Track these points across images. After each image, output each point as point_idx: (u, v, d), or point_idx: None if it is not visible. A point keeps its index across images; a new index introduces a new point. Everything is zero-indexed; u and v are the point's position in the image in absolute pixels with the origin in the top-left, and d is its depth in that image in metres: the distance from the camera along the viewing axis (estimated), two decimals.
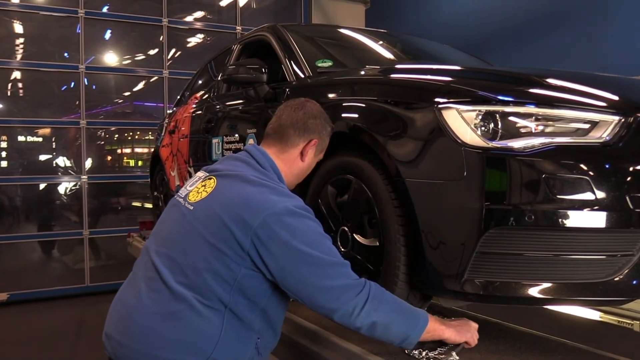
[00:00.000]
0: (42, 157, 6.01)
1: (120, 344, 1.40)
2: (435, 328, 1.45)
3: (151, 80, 6.37)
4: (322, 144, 1.66)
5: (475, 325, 1.58)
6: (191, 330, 1.33)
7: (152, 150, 4.96)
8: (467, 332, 1.53)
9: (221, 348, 1.35)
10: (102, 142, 6.35)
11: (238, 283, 1.35)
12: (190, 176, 3.38)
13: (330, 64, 2.39)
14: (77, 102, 5.95)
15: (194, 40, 6.68)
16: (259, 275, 1.38)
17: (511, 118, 1.47)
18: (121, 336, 1.40)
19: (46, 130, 6.03)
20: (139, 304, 1.39)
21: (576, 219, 1.40)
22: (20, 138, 5.98)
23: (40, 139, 6.06)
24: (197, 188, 1.49)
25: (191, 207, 1.43)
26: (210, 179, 1.48)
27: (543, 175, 1.40)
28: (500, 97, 1.50)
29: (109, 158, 6.49)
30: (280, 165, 1.57)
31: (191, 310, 1.34)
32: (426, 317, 1.44)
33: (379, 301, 1.36)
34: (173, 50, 6.44)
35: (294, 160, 1.60)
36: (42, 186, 5.95)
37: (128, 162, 6.66)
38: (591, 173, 1.39)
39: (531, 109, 1.47)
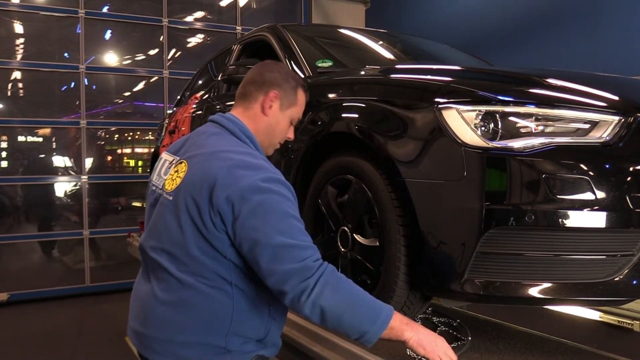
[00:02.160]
0: (42, 157, 6.00)
1: (144, 335, 1.43)
2: (394, 327, 1.31)
3: (151, 80, 6.37)
4: (287, 97, 1.57)
5: (443, 346, 1.36)
6: (205, 313, 1.37)
7: (152, 150, 4.96)
8: (430, 346, 1.33)
9: (237, 324, 1.38)
10: (102, 142, 6.35)
11: (230, 261, 1.36)
12: None
13: (330, 64, 2.39)
14: (77, 102, 5.95)
15: (194, 40, 6.68)
16: None
17: (511, 118, 1.47)
18: (143, 327, 1.44)
19: (46, 130, 6.03)
20: (153, 296, 1.42)
21: (576, 219, 1.40)
22: (21, 138, 5.98)
23: (40, 139, 6.06)
24: (171, 175, 1.46)
25: (170, 197, 1.42)
26: (181, 163, 1.45)
27: (543, 175, 1.40)
28: (500, 97, 1.50)
29: (109, 158, 6.49)
30: (248, 124, 1.53)
31: (200, 295, 1.36)
32: (390, 313, 1.32)
33: (332, 289, 1.27)
34: (173, 50, 6.44)
35: (257, 116, 1.54)
36: (42, 186, 5.95)
37: (128, 162, 6.66)
38: (591, 173, 1.39)
39: (531, 109, 1.47)
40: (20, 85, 5.94)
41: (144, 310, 1.45)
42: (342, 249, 1.89)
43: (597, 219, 1.40)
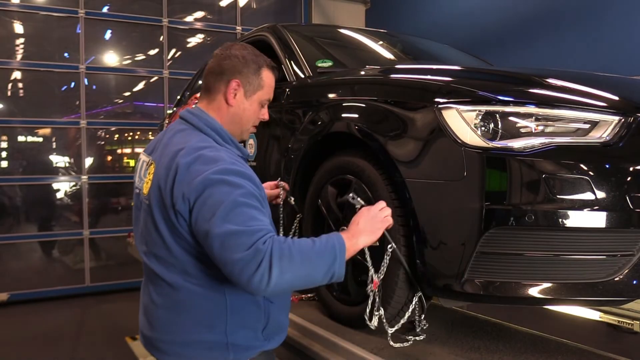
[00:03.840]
0: (42, 157, 6.00)
1: (149, 338, 1.47)
2: (350, 246, 1.38)
3: (151, 80, 6.37)
4: (250, 82, 1.50)
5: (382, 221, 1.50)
6: (201, 312, 1.39)
7: None
8: (376, 235, 1.48)
9: (233, 316, 1.40)
10: (103, 142, 6.34)
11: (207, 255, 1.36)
12: None
13: (330, 64, 2.39)
14: (77, 102, 5.95)
15: (194, 41, 6.67)
16: None
17: (511, 118, 1.47)
18: (148, 330, 1.48)
19: (46, 130, 6.03)
20: (152, 301, 1.46)
21: (576, 219, 1.40)
22: (21, 138, 5.98)
23: (40, 139, 6.05)
24: (147, 179, 1.46)
25: (147, 202, 1.43)
26: (151, 164, 1.46)
27: (543, 175, 1.40)
28: (500, 97, 1.50)
29: (109, 158, 6.49)
30: (215, 116, 1.49)
31: (192, 295, 1.39)
32: (341, 244, 1.35)
33: (288, 260, 1.25)
34: (173, 51, 6.43)
35: (222, 108, 1.50)
36: (42, 186, 5.95)
37: (128, 162, 6.66)
38: (591, 173, 1.39)
39: (531, 109, 1.48)
40: (20, 85, 5.94)
41: (146, 315, 1.49)
42: None
43: (597, 219, 1.40)
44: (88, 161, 6.06)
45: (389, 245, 1.62)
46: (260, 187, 1.40)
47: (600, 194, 1.38)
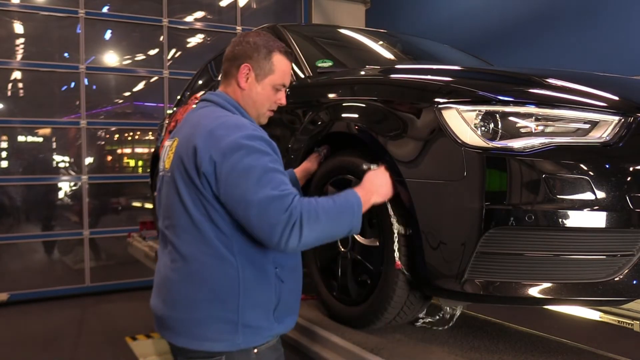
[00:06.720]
0: (42, 157, 6.01)
1: (165, 317, 1.48)
2: (365, 202, 1.49)
3: (151, 80, 6.38)
4: (261, 67, 1.57)
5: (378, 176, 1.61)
6: (214, 285, 1.41)
7: (152, 150, 4.96)
8: (386, 190, 1.60)
9: (246, 292, 1.42)
10: (103, 142, 6.35)
11: (230, 223, 1.40)
12: None
13: (330, 64, 2.39)
14: (78, 102, 5.95)
15: (194, 41, 6.68)
16: None
17: (511, 118, 1.47)
18: (162, 310, 1.49)
19: (46, 130, 6.03)
20: (168, 278, 1.48)
21: (576, 219, 1.40)
22: (21, 138, 5.98)
23: (40, 139, 6.06)
24: (168, 155, 1.54)
25: (169, 174, 1.49)
26: (174, 140, 1.53)
27: (543, 175, 1.40)
28: (500, 97, 1.50)
29: (109, 158, 6.49)
30: (232, 98, 1.58)
31: (206, 267, 1.41)
32: (359, 201, 1.46)
33: (315, 219, 1.35)
34: (173, 51, 6.44)
35: (236, 91, 1.58)
36: (42, 186, 5.95)
37: (128, 162, 6.66)
38: (591, 173, 1.39)
39: (531, 109, 1.48)
40: (20, 85, 5.94)
41: (161, 293, 1.50)
42: (342, 249, 1.89)
43: (597, 219, 1.40)
44: (88, 161, 6.06)
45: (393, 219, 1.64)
46: (279, 155, 1.46)
47: (600, 194, 1.38)
